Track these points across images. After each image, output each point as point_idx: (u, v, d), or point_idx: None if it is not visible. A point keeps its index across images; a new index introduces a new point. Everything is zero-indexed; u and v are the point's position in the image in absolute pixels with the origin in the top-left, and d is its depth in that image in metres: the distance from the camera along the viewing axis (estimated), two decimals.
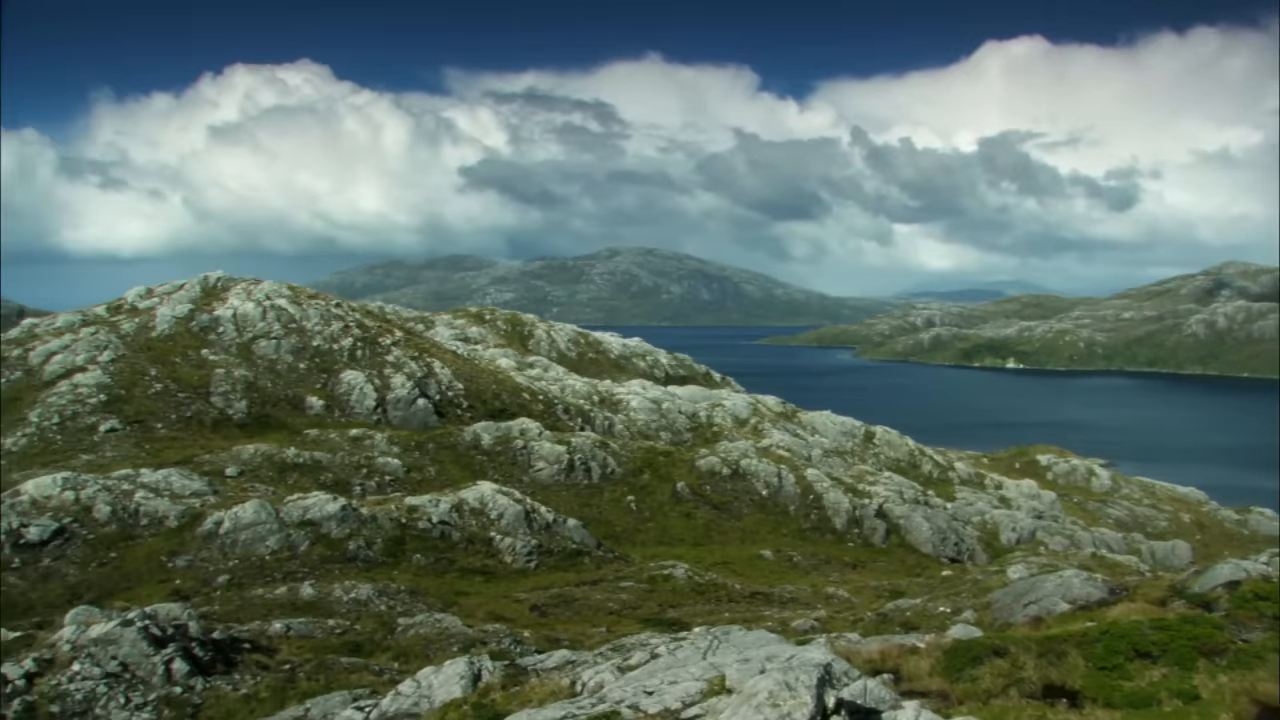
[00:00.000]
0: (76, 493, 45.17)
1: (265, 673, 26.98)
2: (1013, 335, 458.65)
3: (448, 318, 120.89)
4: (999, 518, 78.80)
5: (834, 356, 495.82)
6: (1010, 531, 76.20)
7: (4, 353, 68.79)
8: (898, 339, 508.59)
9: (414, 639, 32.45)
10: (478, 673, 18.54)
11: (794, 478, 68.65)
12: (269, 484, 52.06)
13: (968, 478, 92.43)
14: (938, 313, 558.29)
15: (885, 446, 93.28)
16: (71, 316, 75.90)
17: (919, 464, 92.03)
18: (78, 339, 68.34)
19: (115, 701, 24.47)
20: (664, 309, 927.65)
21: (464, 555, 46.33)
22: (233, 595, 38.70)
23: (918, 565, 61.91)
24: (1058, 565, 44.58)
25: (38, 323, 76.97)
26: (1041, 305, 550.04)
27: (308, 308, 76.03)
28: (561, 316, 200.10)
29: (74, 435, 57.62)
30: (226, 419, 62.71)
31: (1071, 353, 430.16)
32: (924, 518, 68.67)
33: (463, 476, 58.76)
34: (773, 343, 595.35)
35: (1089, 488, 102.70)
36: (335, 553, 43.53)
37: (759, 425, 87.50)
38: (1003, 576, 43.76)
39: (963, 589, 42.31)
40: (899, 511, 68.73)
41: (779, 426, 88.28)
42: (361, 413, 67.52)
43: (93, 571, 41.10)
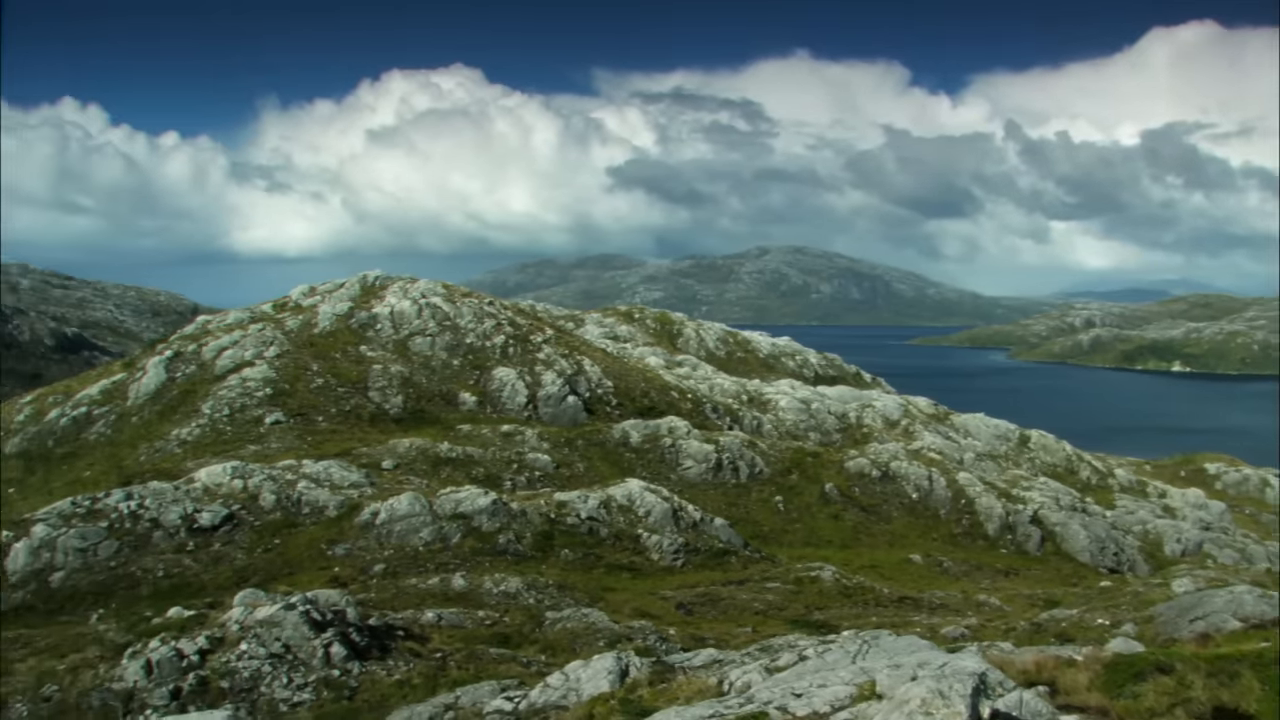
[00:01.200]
0: (244, 481, 47.21)
1: (418, 660, 27.71)
2: (1179, 337, 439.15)
3: (597, 316, 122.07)
4: (1162, 528, 75.58)
5: (987, 358, 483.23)
6: (1175, 543, 72.99)
7: (180, 348, 72.35)
8: (1054, 340, 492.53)
9: (561, 633, 32.88)
10: (625, 668, 18.68)
11: (945, 481, 67.18)
12: (423, 477, 53.44)
13: (1129, 485, 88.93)
14: (1097, 313, 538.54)
15: (1041, 451, 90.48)
16: (240, 314, 79.37)
17: (1076, 470, 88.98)
18: (246, 335, 71.37)
19: (279, 681, 25.48)
20: (813, 308, 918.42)
21: (611, 551, 46.71)
22: (388, 584, 39.84)
23: (1074, 575, 59.86)
24: (1228, 580, 42.59)
25: (210, 319, 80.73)
26: (1211, 305, 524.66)
27: (461, 306, 77.79)
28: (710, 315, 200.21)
29: (242, 426, 60.21)
30: (383, 413, 64.62)
31: (1244, 355, 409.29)
32: (1081, 525, 66.38)
33: (611, 473, 59.28)
34: (924, 343, 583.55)
35: (1263, 499, 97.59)
36: (486, 546, 44.40)
37: (910, 427, 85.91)
38: (1166, 590, 42.00)
39: (1122, 601, 40.78)
40: (1055, 518, 66.59)
41: (930, 429, 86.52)
42: (513, 409, 68.74)
43: (258, 556, 42.86)
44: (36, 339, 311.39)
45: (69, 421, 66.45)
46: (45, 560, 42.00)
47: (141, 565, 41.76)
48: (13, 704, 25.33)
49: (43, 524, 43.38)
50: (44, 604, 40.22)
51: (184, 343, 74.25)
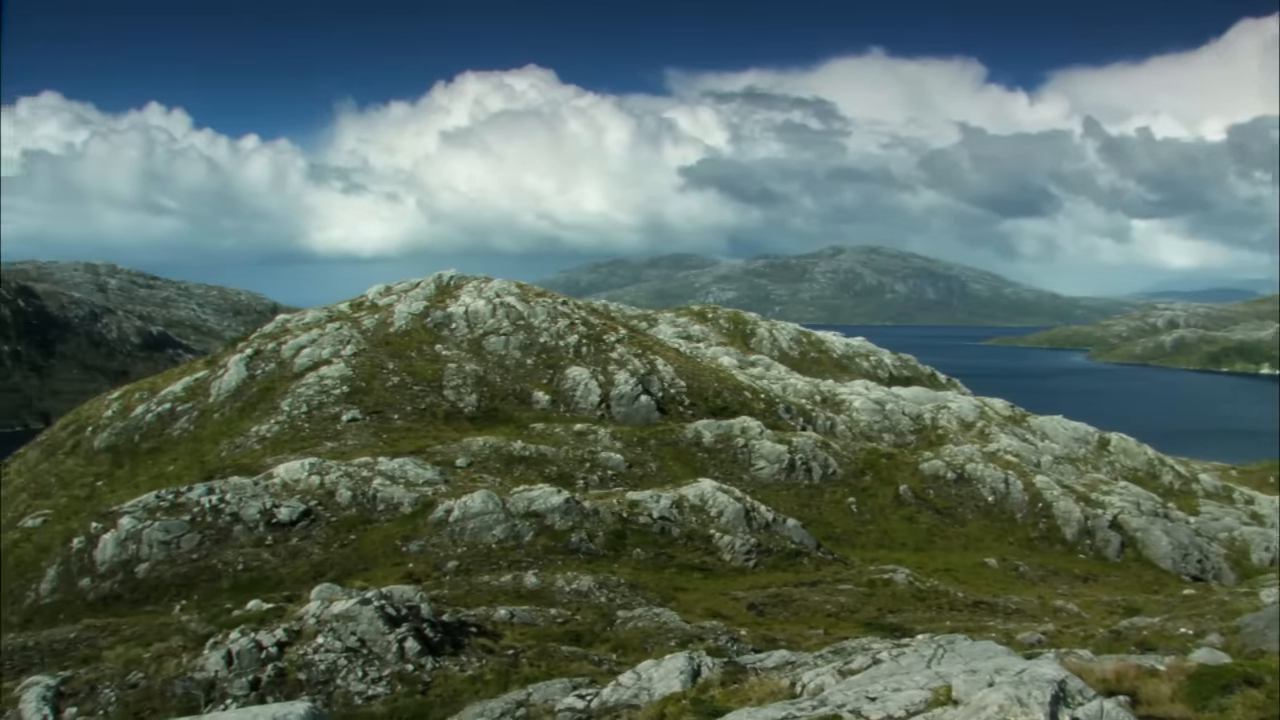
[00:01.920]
0: (321, 478, 47.98)
1: (490, 656, 27.92)
2: (1267, 338, 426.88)
3: (670, 316, 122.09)
4: (1250, 535, 73.58)
5: (1066, 359, 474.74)
6: (1264, 551, 71.02)
7: (260, 346, 73.74)
8: (1136, 341, 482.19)
9: (632, 632, 32.92)
10: (697, 668, 18.65)
11: (1022, 484, 66.14)
12: (496, 475, 53.86)
13: (1213, 490, 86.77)
14: (1181, 314, 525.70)
15: (1121, 454, 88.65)
16: (318, 313, 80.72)
17: (1158, 474, 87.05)
18: (324, 334, 72.52)
19: (354, 674, 25.85)
20: (888, 308, 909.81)
21: (683, 551, 46.68)
22: (461, 581, 40.20)
23: (1155, 582, 58.59)
24: None
25: (289, 318, 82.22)
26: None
27: (535, 305, 78.29)
28: (784, 315, 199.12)
29: (320, 424, 61.19)
30: (457, 411, 65.26)
31: None
32: (1163, 531, 64.94)
33: (683, 473, 59.25)
34: (1000, 343, 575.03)
35: None
36: (558, 544, 44.61)
37: (985, 429, 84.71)
38: (1254, 599, 40.89)
39: (1207, 610, 39.79)
40: (1135, 523, 65.22)
41: (1007, 431, 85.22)
42: (586, 408, 69.02)
43: (334, 551, 43.54)
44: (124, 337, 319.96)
45: (154, 417, 68.06)
46: (131, 552, 43.10)
47: (222, 558, 42.65)
48: (102, 689, 26.04)
49: (129, 517, 44.52)
50: (130, 594, 41.27)
51: (264, 341, 75.69)
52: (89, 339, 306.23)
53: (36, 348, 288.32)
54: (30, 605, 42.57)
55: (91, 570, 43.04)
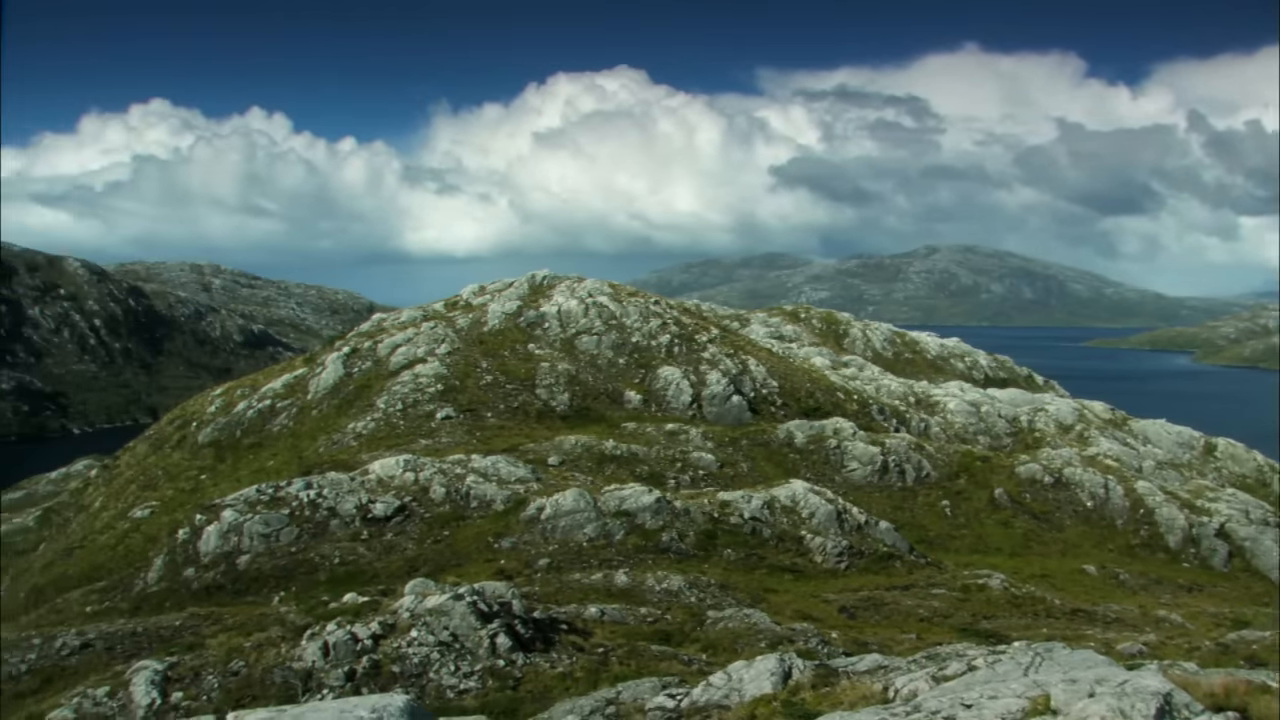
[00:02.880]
0: (416, 474, 48.69)
1: (580, 654, 28.05)
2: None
3: (763, 315, 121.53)
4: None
5: (1170, 361, 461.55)
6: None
7: (357, 345, 75.12)
8: (1244, 343, 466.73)
9: (722, 632, 32.81)
10: (788, 670, 18.50)
11: (1122, 490, 64.47)
12: (588, 474, 54.11)
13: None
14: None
15: (1229, 461, 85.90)
16: (414, 312, 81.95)
17: (1269, 481, 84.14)
18: (419, 333, 73.60)
19: (446, 668, 26.16)
20: (983, 308, 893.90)
21: (774, 552, 46.40)
22: (552, 578, 40.46)
23: (1265, 594, 56.62)
24: None
25: (385, 317, 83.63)
26: None
27: (627, 305, 78.51)
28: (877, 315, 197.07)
29: (415, 421, 62.09)
30: (550, 410, 65.71)
31: None
32: (1275, 541, 62.76)
33: (775, 474, 58.92)
34: (1101, 345, 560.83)
35: None
36: (648, 543, 44.64)
37: (1084, 432, 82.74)
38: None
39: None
40: (1244, 532, 63.13)
41: (1107, 434, 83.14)
42: (677, 408, 69.02)
43: (428, 547, 44.13)
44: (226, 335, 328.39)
45: (255, 413, 69.75)
46: (233, 544, 44.21)
47: (319, 551, 43.51)
48: (206, 675, 26.80)
49: (231, 509, 45.68)
50: (232, 584, 42.34)
51: (360, 340, 77.09)
52: (194, 337, 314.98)
53: (145, 345, 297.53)
54: (139, 593, 43.93)
55: (195, 561, 44.26)
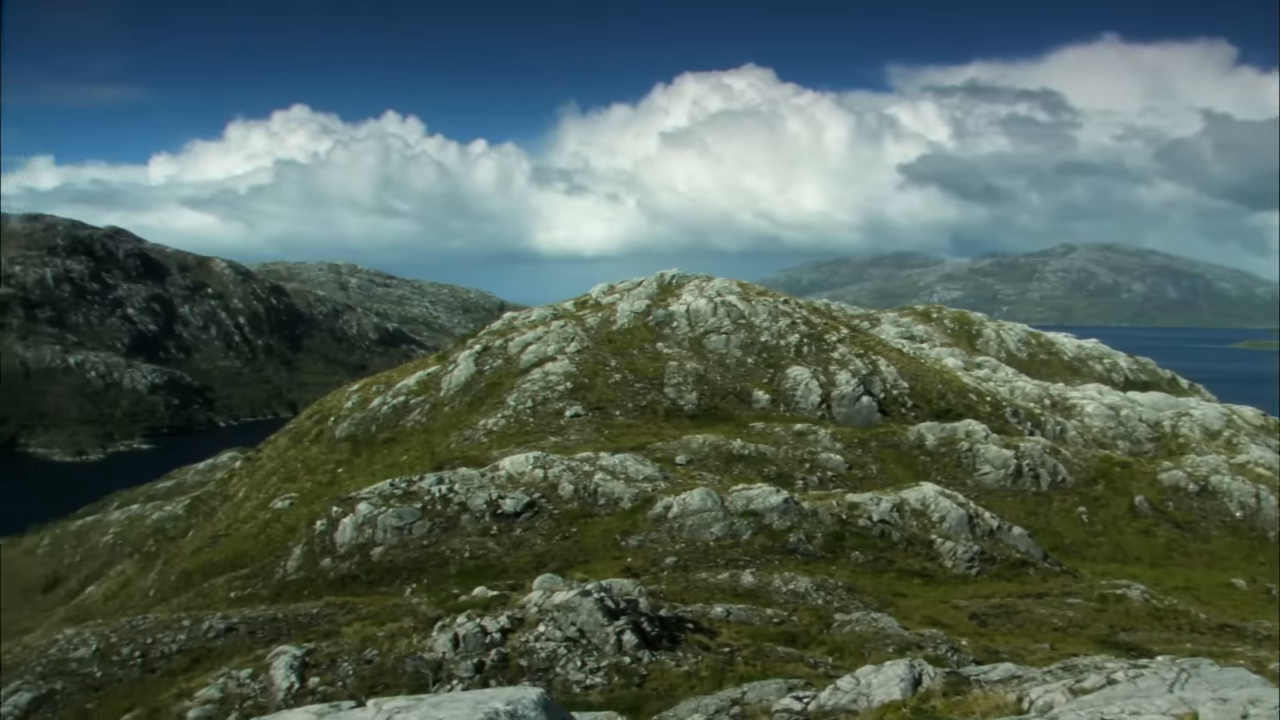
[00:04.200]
0: (545, 471, 49.29)
1: (706, 653, 28.03)
2: None
3: (893, 315, 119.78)
4: None
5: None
6: None
7: (488, 343, 76.42)
8: None
9: (849, 636, 32.43)
10: (918, 677, 18.16)
11: (1275, 499, 61.59)
12: (715, 473, 54.04)
13: None
14: None
15: None
16: (544, 311, 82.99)
17: None
18: (549, 331, 74.49)
19: (573, 663, 26.43)
20: (1123, 308, 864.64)
21: (902, 556, 45.66)
22: (678, 577, 40.52)
23: None
24: None
25: (515, 316, 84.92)
26: None
27: (756, 304, 78.17)
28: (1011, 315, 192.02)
29: (544, 418, 62.85)
30: (678, 409, 65.82)
31: None
32: None
33: (904, 476, 57.98)
34: (1252, 346, 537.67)
35: None
36: (775, 544, 44.38)
37: (1233, 439, 79.33)
38: None
39: None
40: None
41: (1258, 441, 79.55)
42: (806, 408, 68.44)
43: (556, 543, 44.63)
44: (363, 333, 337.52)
45: (389, 409, 71.52)
46: (368, 535, 45.40)
47: (450, 545, 44.38)
48: (341, 662, 27.63)
49: (366, 502, 46.92)
50: (366, 575, 43.48)
51: (491, 338, 78.40)
52: (332, 334, 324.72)
53: (286, 342, 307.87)
54: (279, 580, 45.46)
55: (332, 551, 45.59)
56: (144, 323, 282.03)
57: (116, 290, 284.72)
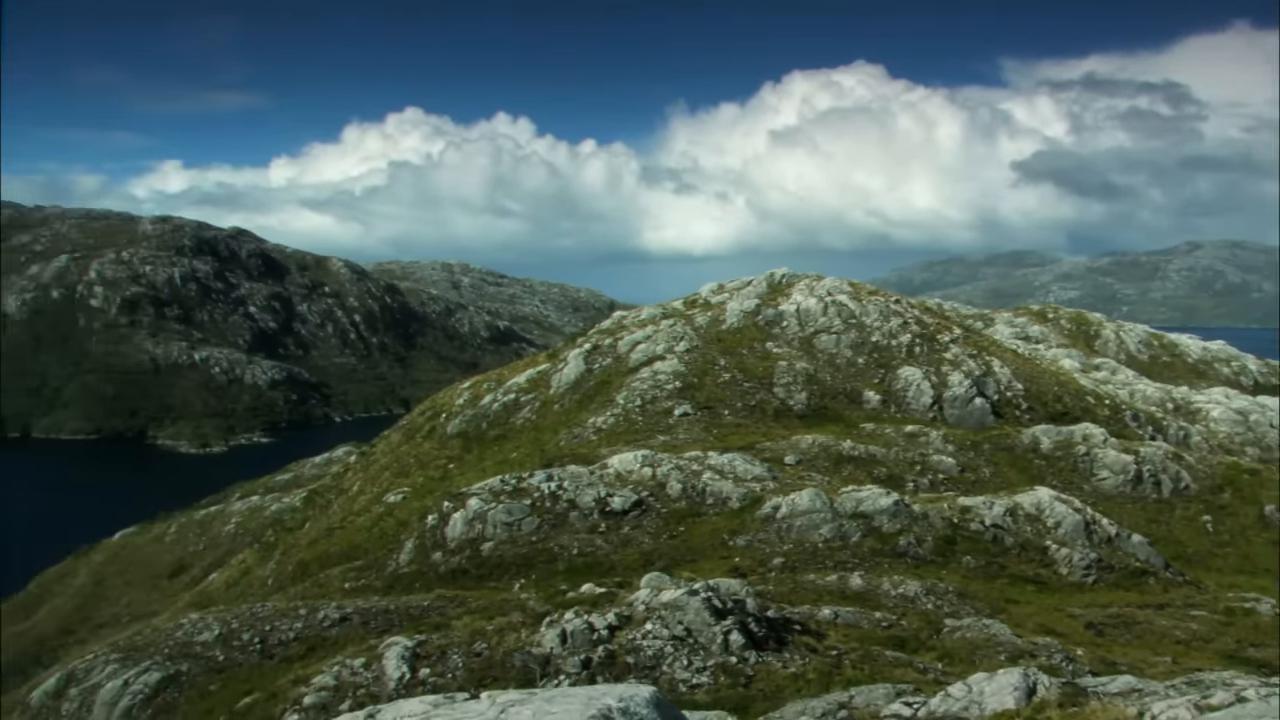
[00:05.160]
0: (653, 469, 49.46)
1: (813, 655, 27.84)
2: None
3: (1008, 315, 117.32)
4: None
5: None
6: None
7: (598, 342, 76.95)
8: None
9: (960, 642, 31.89)
10: (1032, 686, 17.78)
11: None
12: (824, 474, 53.62)
13: None
14: None
15: None
16: (653, 310, 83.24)
17: None
18: (658, 330, 74.69)
19: (679, 662, 26.48)
20: (1253, 309, 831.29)
21: (1015, 562, 44.71)
22: (785, 578, 40.31)
23: None
24: None
25: (625, 315, 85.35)
26: None
27: (867, 304, 77.32)
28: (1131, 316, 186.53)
29: (652, 417, 63.05)
30: (787, 409, 65.44)
31: None
32: None
33: (1018, 480, 56.77)
34: None
35: None
36: (885, 546, 43.85)
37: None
38: None
39: None
40: None
41: None
42: (917, 409, 67.47)
43: (664, 542, 44.75)
44: (474, 331, 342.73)
45: (500, 407, 72.49)
46: (477, 531, 46.12)
47: (558, 542, 44.83)
48: (451, 655, 28.16)
49: (476, 498, 47.66)
50: (475, 569, 44.18)
51: (601, 337, 78.92)
52: (444, 332, 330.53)
53: (399, 340, 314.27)
54: (391, 573, 46.45)
55: (443, 545, 46.41)
56: (265, 320, 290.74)
57: (239, 289, 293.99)
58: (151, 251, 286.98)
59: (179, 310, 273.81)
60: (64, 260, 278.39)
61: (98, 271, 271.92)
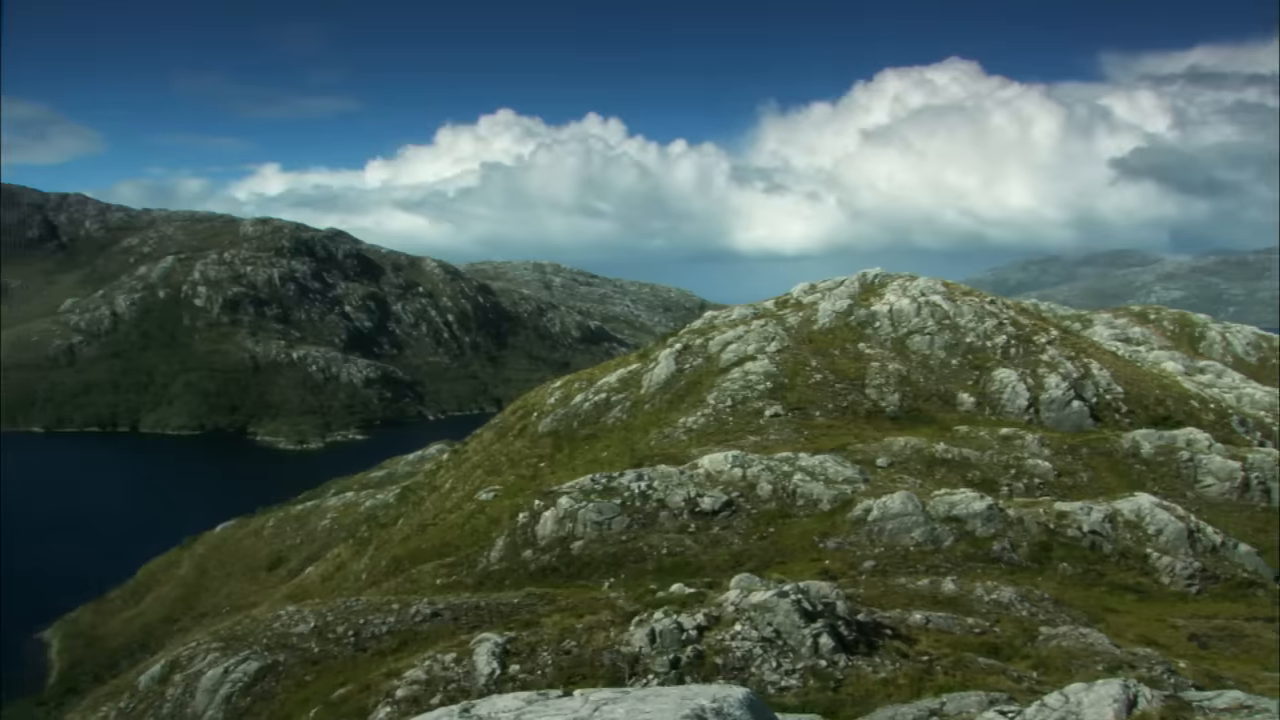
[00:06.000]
0: (743, 470, 49.30)
1: (904, 660, 27.49)
2: None
3: (1107, 316, 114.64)
4: None
5: None
6: None
7: (689, 342, 76.92)
8: None
9: (1055, 650, 31.21)
10: (1133, 698, 17.28)
11: None
12: (916, 477, 52.93)
13: None
14: None
15: None
16: (744, 310, 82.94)
17: None
18: (749, 330, 74.40)
19: (768, 664, 26.34)
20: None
21: (1114, 569, 43.65)
22: (876, 581, 39.87)
23: None
24: None
25: (716, 315, 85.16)
26: None
27: (961, 304, 76.13)
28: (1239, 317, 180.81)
29: (743, 418, 62.84)
30: (879, 411, 64.74)
31: None
32: None
33: (1117, 485, 55.41)
34: None
35: None
36: (978, 551, 43.15)
37: None
38: None
39: None
40: None
41: None
42: (1012, 412, 66.23)
43: (753, 543, 44.57)
44: (565, 330, 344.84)
45: (591, 406, 72.83)
46: (568, 529, 46.42)
47: (648, 541, 44.91)
48: (540, 651, 28.39)
49: (567, 497, 47.98)
50: (565, 567, 44.47)
51: (692, 337, 78.87)
52: (535, 332, 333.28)
53: (491, 339, 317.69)
54: (482, 569, 46.99)
55: (533, 543, 46.81)
56: (360, 319, 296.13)
57: (336, 289, 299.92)
58: (252, 252, 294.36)
59: (278, 309, 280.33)
60: (170, 261, 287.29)
61: (201, 272, 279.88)
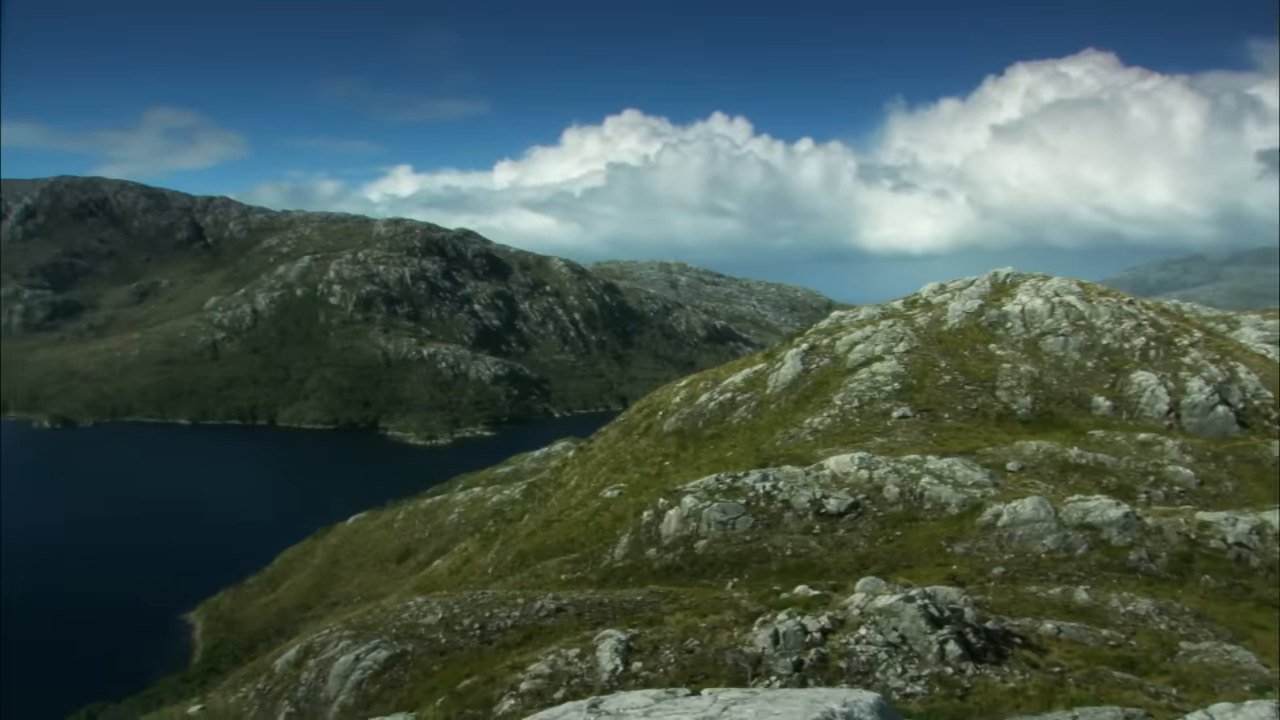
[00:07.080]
0: (870, 472, 48.67)
1: (1034, 671, 26.81)
2: None
3: (1255, 318, 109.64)
4: None
5: None
6: None
7: (815, 342, 76.30)
8: None
9: (1197, 667, 30.05)
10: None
11: None
12: (1049, 482, 51.55)
13: None
14: None
15: None
16: (871, 310, 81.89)
17: None
18: (876, 331, 73.42)
19: (893, 670, 25.95)
20: None
21: (1263, 584, 41.77)
22: (1005, 588, 38.94)
23: None
24: None
25: (843, 315, 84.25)
26: None
27: (1097, 305, 73.85)
28: None
29: (870, 419, 62.03)
30: (1010, 413, 63.22)
31: None
32: None
33: (1265, 495, 53.06)
34: None
35: None
36: (1113, 560, 41.80)
37: None
38: None
39: None
40: None
41: None
42: (1151, 416, 63.98)
43: (879, 546, 43.96)
44: (690, 329, 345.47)
45: (716, 405, 72.77)
46: (692, 528, 46.46)
47: (772, 542, 44.67)
48: (663, 650, 28.48)
49: (691, 496, 48.02)
50: (689, 566, 44.50)
51: (818, 336, 78.17)
52: (661, 331, 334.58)
53: (617, 338, 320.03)
54: (606, 566, 47.34)
55: (657, 541, 46.97)
56: (488, 318, 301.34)
57: (465, 287, 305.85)
58: (384, 252, 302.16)
59: (409, 308, 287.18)
60: (307, 261, 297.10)
61: (336, 271, 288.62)
